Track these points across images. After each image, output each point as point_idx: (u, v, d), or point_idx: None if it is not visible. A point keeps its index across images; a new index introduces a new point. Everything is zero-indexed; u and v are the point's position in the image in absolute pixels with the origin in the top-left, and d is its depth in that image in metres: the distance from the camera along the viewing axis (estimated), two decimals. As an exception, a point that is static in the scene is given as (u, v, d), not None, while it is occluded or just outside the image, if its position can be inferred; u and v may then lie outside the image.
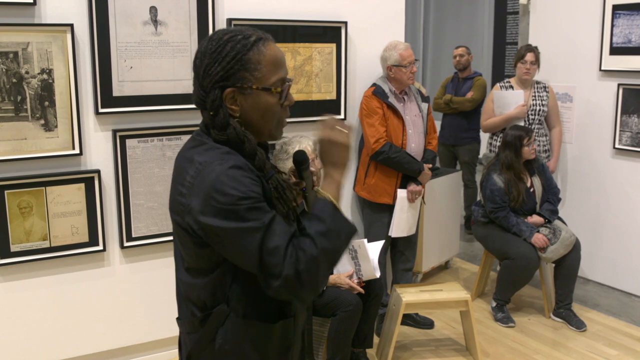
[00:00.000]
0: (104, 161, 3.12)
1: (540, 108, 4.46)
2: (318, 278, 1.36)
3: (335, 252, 1.39)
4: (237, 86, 1.42)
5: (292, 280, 1.33)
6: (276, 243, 1.34)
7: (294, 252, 1.34)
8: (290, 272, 1.33)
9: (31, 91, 2.90)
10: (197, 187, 1.37)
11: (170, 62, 3.18)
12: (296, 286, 1.34)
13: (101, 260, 3.19)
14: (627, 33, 4.35)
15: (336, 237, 1.38)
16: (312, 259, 1.34)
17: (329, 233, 1.37)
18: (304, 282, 1.34)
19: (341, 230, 1.40)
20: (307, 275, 1.33)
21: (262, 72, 1.42)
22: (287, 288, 1.34)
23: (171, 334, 3.31)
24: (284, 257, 1.33)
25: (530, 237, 3.92)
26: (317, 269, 1.35)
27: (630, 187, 4.46)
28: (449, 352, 3.68)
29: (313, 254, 1.34)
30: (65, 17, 2.93)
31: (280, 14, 3.47)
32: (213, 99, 1.43)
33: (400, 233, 3.74)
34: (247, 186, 1.35)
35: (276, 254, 1.33)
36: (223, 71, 1.41)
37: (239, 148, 1.43)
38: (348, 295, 3.09)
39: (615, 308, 4.31)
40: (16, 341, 3.04)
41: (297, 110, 3.55)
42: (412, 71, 3.59)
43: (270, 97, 1.44)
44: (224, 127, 1.43)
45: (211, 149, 1.43)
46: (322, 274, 1.37)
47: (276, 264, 1.33)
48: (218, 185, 1.34)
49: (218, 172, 1.36)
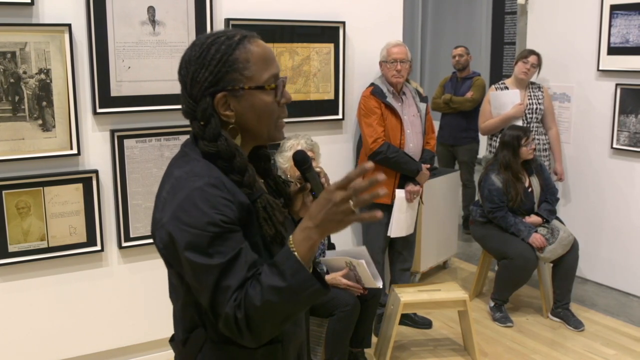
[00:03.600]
0: (102, 161, 3.12)
1: (537, 106, 4.46)
2: (259, 329, 1.24)
3: (286, 311, 1.25)
4: (228, 89, 1.32)
5: (231, 322, 1.24)
6: (229, 283, 1.24)
7: (241, 296, 1.24)
8: (229, 313, 1.23)
9: (29, 91, 2.89)
10: (170, 202, 1.29)
11: (168, 62, 3.18)
12: (234, 330, 1.25)
13: (99, 260, 3.19)
14: (624, 33, 4.36)
15: (291, 296, 1.22)
16: (253, 309, 1.22)
17: (283, 291, 1.21)
18: (242, 329, 1.24)
19: (301, 290, 1.22)
20: (245, 323, 1.23)
21: (252, 71, 1.33)
22: (228, 329, 1.26)
23: (169, 334, 3.30)
24: (229, 299, 1.23)
25: (528, 237, 3.92)
26: (258, 321, 1.23)
27: (628, 187, 4.46)
28: (447, 352, 3.68)
29: (255, 304, 1.22)
30: (63, 17, 2.93)
31: (278, 14, 3.47)
32: (204, 108, 1.32)
33: (399, 233, 3.74)
34: (218, 209, 1.24)
35: (225, 292, 1.24)
36: (211, 76, 1.31)
37: (228, 162, 1.32)
38: (346, 295, 3.09)
39: (613, 308, 4.31)
40: (14, 341, 3.03)
41: (295, 110, 3.56)
42: (396, 69, 3.58)
43: (265, 96, 1.34)
44: (214, 138, 1.32)
45: (191, 161, 1.34)
46: (266, 327, 1.25)
47: (221, 302, 1.24)
48: (187, 204, 1.25)
49: (191, 188, 1.27)
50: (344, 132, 3.84)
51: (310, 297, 1.24)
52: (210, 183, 1.27)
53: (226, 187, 1.29)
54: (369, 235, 3.81)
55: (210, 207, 1.24)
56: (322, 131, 3.72)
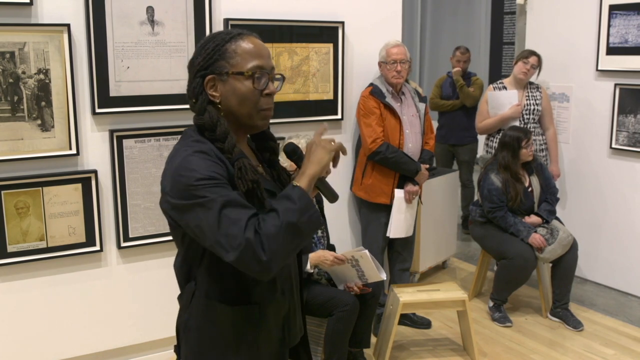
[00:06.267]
0: (101, 161, 3.11)
1: (534, 107, 4.46)
2: (280, 247, 1.38)
3: (300, 229, 1.41)
4: (216, 73, 1.55)
5: (252, 246, 1.36)
6: (238, 215, 1.40)
7: (256, 221, 1.40)
8: (251, 238, 1.36)
9: (28, 91, 2.89)
10: (167, 171, 1.50)
11: (167, 62, 3.18)
12: (254, 254, 1.36)
13: (98, 260, 3.18)
14: (623, 33, 4.36)
15: (303, 215, 1.41)
16: (275, 229, 1.38)
17: (297, 211, 1.41)
18: (261, 252, 1.36)
19: (309, 210, 1.43)
20: (267, 240, 1.37)
21: (237, 60, 1.55)
22: (246, 255, 1.37)
23: (168, 334, 3.31)
24: (245, 228, 1.38)
25: (528, 237, 3.92)
26: (279, 237, 1.38)
27: (627, 186, 4.47)
28: (447, 352, 3.68)
29: (275, 224, 1.38)
30: (62, 17, 2.93)
31: (277, 14, 3.47)
32: (194, 87, 1.57)
33: (398, 234, 3.74)
34: (207, 168, 1.44)
35: (237, 223, 1.38)
36: (204, 61, 1.55)
37: (211, 131, 1.53)
38: (345, 295, 3.10)
39: (613, 308, 4.32)
40: (13, 342, 3.03)
41: (295, 110, 3.56)
42: (396, 69, 3.58)
43: (245, 82, 1.54)
44: (201, 112, 1.55)
45: (187, 137, 1.56)
46: (285, 245, 1.40)
47: (235, 234, 1.37)
48: (181, 168, 1.45)
49: (183, 155, 1.47)
50: (343, 132, 3.84)
51: (314, 222, 1.44)
52: (201, 150, 1.48)
53: (216, 155, 1.50)
54: (368, 236, 3.81)
55: (200, 167, 1.44)
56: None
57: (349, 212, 3.95)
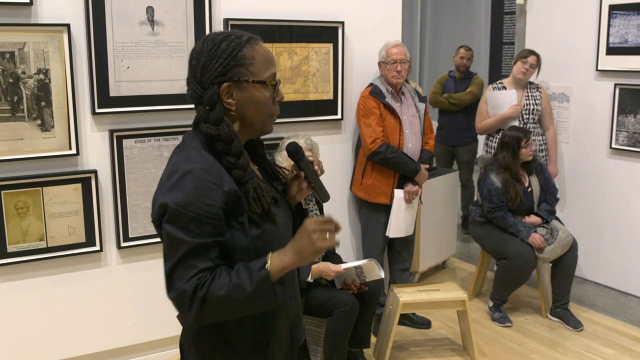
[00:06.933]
0: (100, 161, 3.11)
1: (534, 107, 4.46)
2: (209, 313, 1.40)
3: (243, 309, 1.43)
4: (234, 80, 1.48)
5: (185, 297, 1.38)
6: (195, 263, 1.39)
7: (205, 278, 1.39)
8: (188, 290, 1.37)
9: (28, 91, 2.89)
10: (164, 183, 1.45)
11: (167, 62, 3.18)
12: (185, 304, 1.38)
13: (98, 260, 3.18)
14: (623, 33, 4.36)
15: (250, 302, 1.40)
16: (214, 296, 1.37)
17: (248, 294, 1.38)
18: (193, 307, 1.37)
19: (260, 300, 1.41)
20: (200, 303, 1.37)
21: (256, 67, 1.49)
22: (178, 301, 1.40)
23: (168, 334, 3.31)
24: (189, 279, 1.38)
25: (528, 237, 3.92)
26: (214, 307, 1.38)
27: (627, 186, 4.47)
28: (446, 351, 3.68)
29: (218, 293, 1.37)
30: (61, 17, 2.93)
31: (277, 14, 3.47)
32: (211, 94, 1.48)
33: (398, 234, 3.75)
34: (204, 193, 1.40)
35: (188, 269, 1.39)
36: (221, 67, 1.47)
37: (227, 145, 1.47)
38: (344, 295, 3.10)
39: (612, 308, 4.32)
40: (13, 342, 3.03)
41: (294, 110, 3.55)
42: (396, 69, 3.58)
43: (265, 91, 1.51)
44: (218, 122, 1.47)
45: (187, 148, 1.49)
46: (215, 314, 1.42)
47: (180, 277, 1.39)
48: (178, 185, 1.41)
49: (183, 171, 1.42)
50: (342, 132, 3.84)
51: (263, 307, 1.44)
52: (202, 168, 1.42)
53: (216, 173, 1.44)
54: (368, 236, 3.81)
55: (197, 190, 1.39)
56: (321, 131, 3.72)
57: (349, 212, 3.95)
